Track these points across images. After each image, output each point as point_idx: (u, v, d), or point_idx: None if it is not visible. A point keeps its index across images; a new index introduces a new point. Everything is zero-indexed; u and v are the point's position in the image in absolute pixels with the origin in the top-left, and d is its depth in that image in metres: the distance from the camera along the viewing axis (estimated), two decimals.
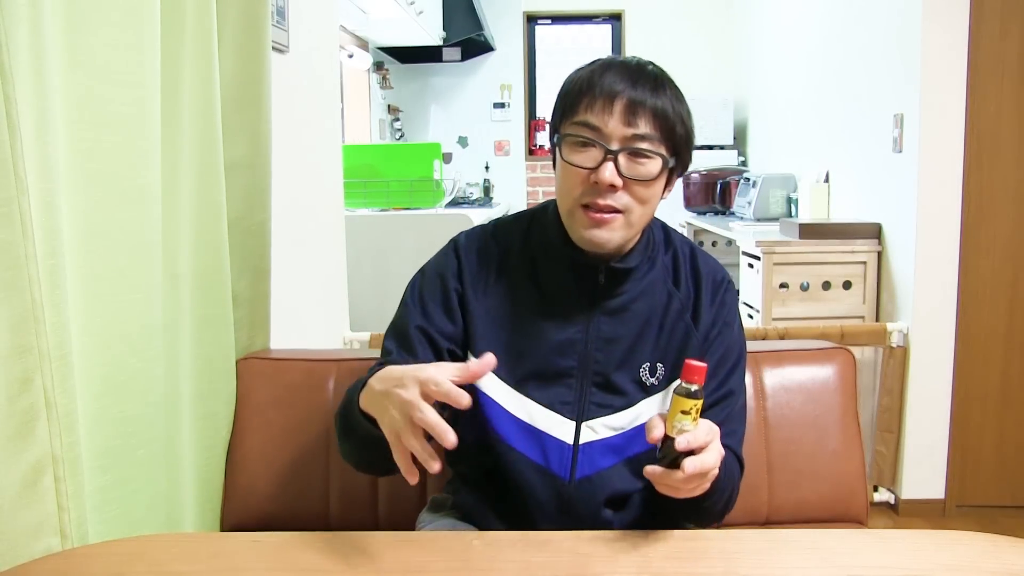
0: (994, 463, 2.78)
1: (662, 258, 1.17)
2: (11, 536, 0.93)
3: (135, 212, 1.15)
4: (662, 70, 1.08)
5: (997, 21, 2.62)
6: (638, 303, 1.13)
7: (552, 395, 1.11)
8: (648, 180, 1.04)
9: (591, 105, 1.04)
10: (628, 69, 1.05)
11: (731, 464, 1.09)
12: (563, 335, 1.11)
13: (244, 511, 1.45)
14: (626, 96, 1.02)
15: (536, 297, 1.13)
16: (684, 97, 1.09)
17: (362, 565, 0.92)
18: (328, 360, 1.51)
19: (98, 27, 1.08)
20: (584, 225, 1.06)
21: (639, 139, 1.03)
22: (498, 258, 1.16)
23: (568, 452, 1.11)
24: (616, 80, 1.03)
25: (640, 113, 1.02)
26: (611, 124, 1.03)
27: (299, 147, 2.03)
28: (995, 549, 0.93)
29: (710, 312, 1.14)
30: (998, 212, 2.69)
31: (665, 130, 1.04)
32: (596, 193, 1.04)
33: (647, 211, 1.08)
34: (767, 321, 3.00)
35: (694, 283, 1.16)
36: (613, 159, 1.02)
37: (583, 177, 1.04)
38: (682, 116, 1.06)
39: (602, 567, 0.90)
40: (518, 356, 1.12)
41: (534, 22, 5.83)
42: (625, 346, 1.12)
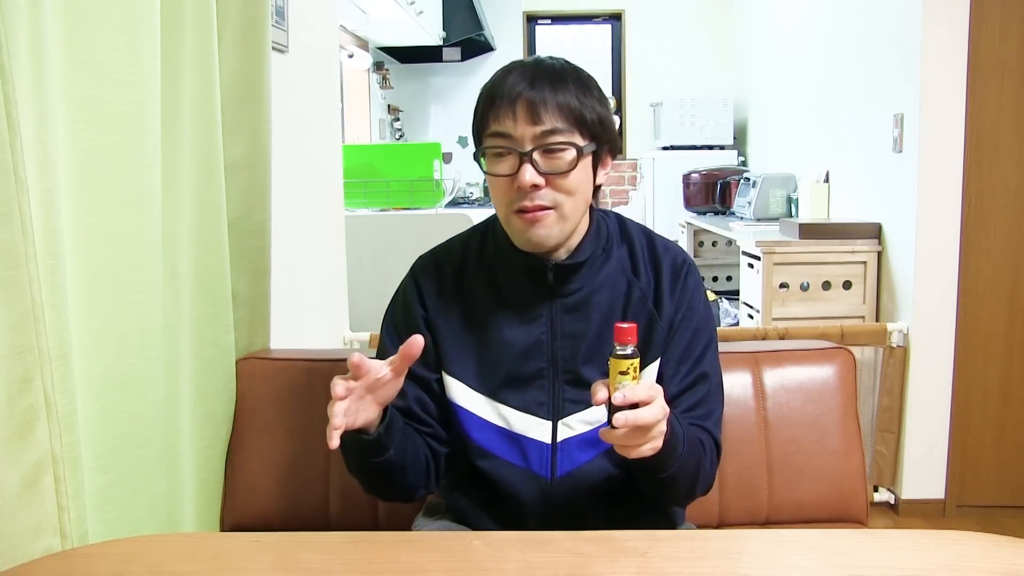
0: (994, 463, 2.78)
1: (617, 250, 1.17)
2: (11, 536, 0.93)
3: (135, 212, 1.15)
4: (564, 63, 1.10)
5: (997, 21, 2.62)
6: (597, 296, 1.14)
7: (527, 398, 1.13)
8: (567, 171, 1.06)
9: (497, 114, 1.07)
10: (526, 70, 1.08)
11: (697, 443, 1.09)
12: (529, 338, 1.13)
13: (244, 511, 1.45)
14: (525, 97, 1.05)
15: (497, 305, 1.15)
16: (592, 83, 1.10)
17: (362, 565, 0.92)
18: (328, 360, 1.51)
19: (98, 27, 1.08)
20: (520, 229, 1.08)
21: (547, 135, 1.05)
22: (455, 274, 1.18)
23: (547, 452, 1.13)
24: (515, 83, 1.06)
25: (543, 110, 1.04)
26: (519, 128, 1.05)
27: (299, 147, 2.03)
28: (995, 549, 0.92)
29: (672, 298, 1.15)
30: (998, 212, 2.69)
31: (573, 119, 1.06)
32: (523, 196, 1.06)
33: (578, 201, 1.09)
34: (767, 321, 3.00)
35: (654, 271, 1.16)
36: (528, 160, 1.05)
37: (507, 185, 1.07)
38: (591, 104, 1.08)
39: (602, 567, 0.90)
40: (489, 366, 1.14)
41: (534, 22, 5.83)
42: (591, 340, 1.13)
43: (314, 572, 0.91)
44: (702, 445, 1.11)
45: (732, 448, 1.42)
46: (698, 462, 1.09)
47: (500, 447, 1.14)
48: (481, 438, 1.14)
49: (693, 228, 4.61)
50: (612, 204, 5.71)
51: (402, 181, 3.30)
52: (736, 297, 3.63)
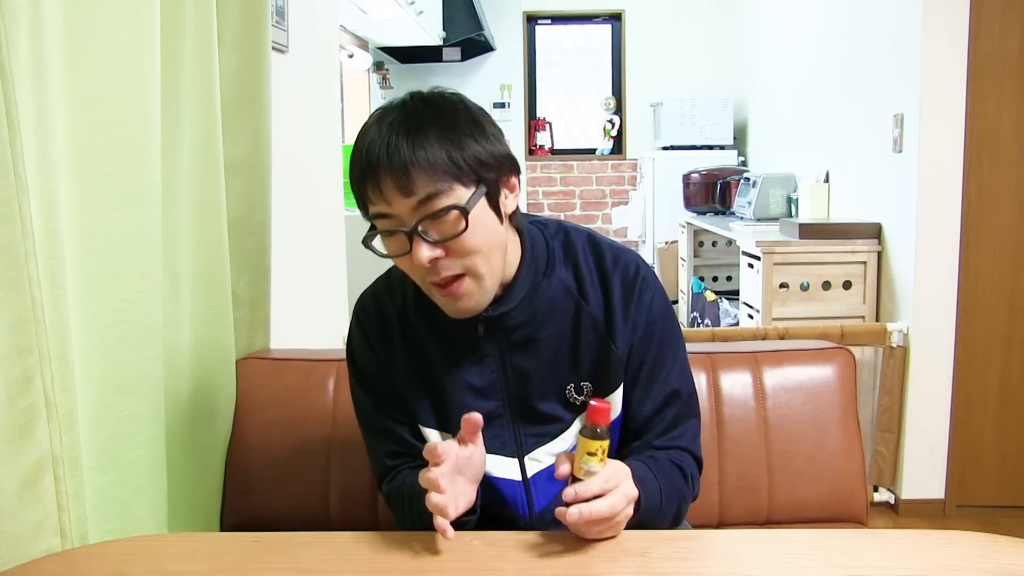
0: (994, 463, 2.78)
1: (560, 272, 1.09)
2: (11, 536, 0.94)
3: (135, 212, 1.15)
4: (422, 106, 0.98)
5: (997, 21, 2.62)
6: (544, 330, 1.07)
7: (490, 439, 1.07)
8: (459, 234, 0.95)
9: (370, 194, 0.96)
10: (381, 131, 0.96)
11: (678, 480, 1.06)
12: (480, 379, 1.08)
13: (244, 511, 1.45)
14: (386, 167, 0.94)
15: (444, 349, 1.09)
16: (459, 116, 0.98)
17: (362, 565, 0.92)
18: (328, 360, 1.51)
19: (98, 27, 1.08)
20: (444, 303, 1.02)
21: (424, 204, 0.94)
22: (397, 315, 1.11)
23: (520, 489, 1.10)
24: (372, 151, 0.95)
25: (406, 178, 0.93)
26: (394, 204, 0.95)
27: (299, 147, 2.03)
28: (995, 549, 0.92)
29: (626, 319, 1.07)
30: (998, 212, 2.69)
31: (449, 174, 0.94)
32: (429, 271, 0.98)
33: (489, 254, 0.99)
34: (767, 321, 3.00)
35: (603, 289, 1.08)
36: (417, 235, 0.95)
37: (409, 263, 0.98)
38: (461, 144, 0.96)
39: (602, 567, 0.90)
40: (445, 408, 1.09)
41: (534, 22, 5.83)
42: (543, 375, 1.08)
43: (314, 572, 0.91)
44: (682, 475, 1.08)
45: (732, 448, 1.42)
46: (680, 502, 1.07)
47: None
48: None
49: (693, 228, 4.61)
50: (612, 204, 5.71)
51: None
52: (736, 297, 3.63)
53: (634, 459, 1.05)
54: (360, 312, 1.15)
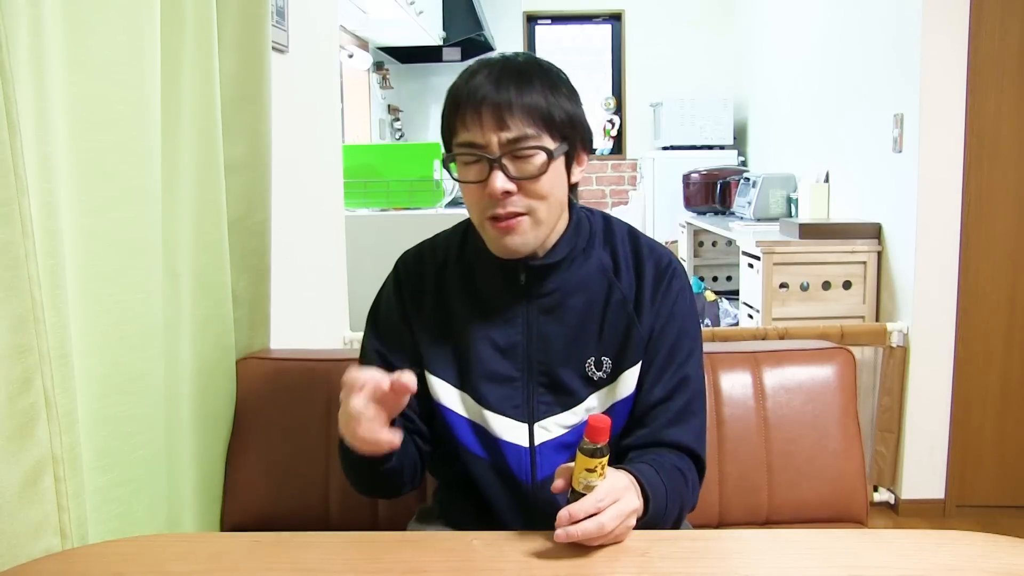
0: (994, 463, 2.78)
1: (599, 251, 1.15)
2: (11, 536, 0.93)
3: (135, 212, 1.15)
4: (530, 60, 1.08)
5: (997, 21, 2.62)
6: (573, 298, 1.12)
7: (502, 400, 1.11)
8: (537, 176, 1.04)
9: (464, 120, 1.05)
10: (491, 71, 1.05)
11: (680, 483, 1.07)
12: (504, 338, 1.12)
13: (244, 511, 1.45)
14: (491, 101, 1.02)
15: (474, 306, 1.14)
16: (561, 80, 1.08)
17: (362, 565, 0.92)
18: (328, 360, 1.51)
19: (98, 27, 1.08)
20: (494, 237, 1.07)
21: (515, 141, 1.02)
22: (435, 271, 1.17)
23: (526, 456, 1.11)
24: (480, 87, 1.04)
25: (508, 115, 1.02)
26: (486, 134, 1.03)
27: (299, 147, 2.03)
28: (995, 549, 0.93)
29: (653, 302, 1.12)
30: (998, 212, 2.69)
31: (541, 122, 1.03)
32: (494, 204, 1.04)
33: (552, 204, 1.07)
34: (767, 321, 3.00)
35: (636, 274, 1.14)
36: (498, 167, 1.02)
37: (478, 191, 1.05)
38: (559, 103, 1.05)
39: (602, 567, 0.90)
40: (467, 366, 1.13)
41: (534, 22, 5.83)
42: (565, 343, 1.11)
43: (314, 572, 0.91)
44: (684, 481, 1.08)
45: (732, 448, 1.42)
46: (680, 508, 1.07)
47: (479, 447, 1.13)
48: (465, 438, 1.13)
49: (693, 228, 4.61)
50: (612, 204, 5.71)
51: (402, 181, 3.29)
52: (736, 297, 3.63)
53: (641, 461, 1.05)
54: (400, 265, 1.20)
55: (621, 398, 1.12)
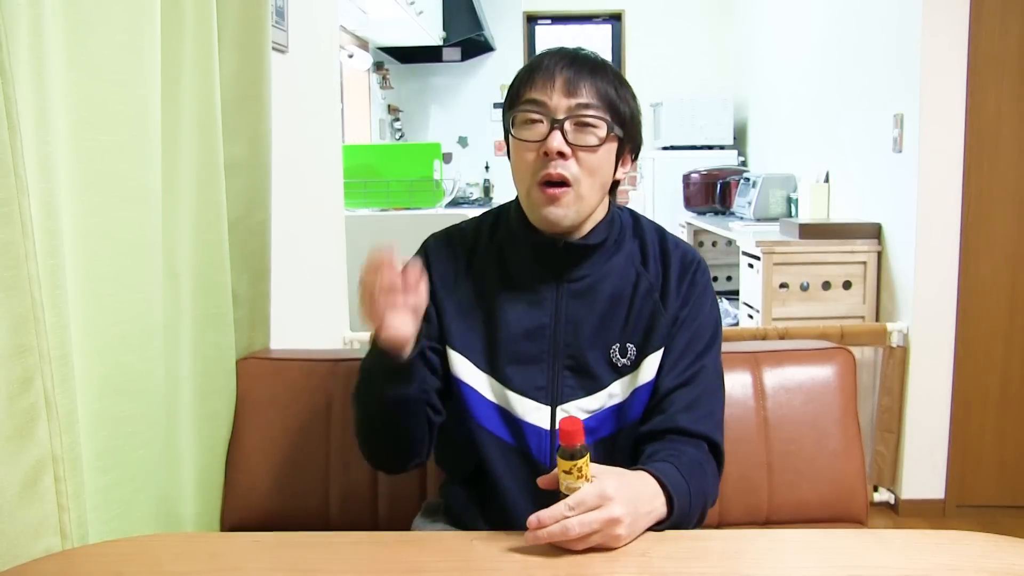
0: (994, 463, 2.78)
1: (629, 242, 1.19)
2: (11, 536, 0.93)
3: (135, 212, 1.15)
4: (602, 58, 1.14)
5: (997, 21, 2.62)
6: (604, 284, 1.15)
7: (526, 381, 1.13)
8: (595, 145, 1.08)
9: (533, 84, 1.09)
10: (567, 53, 1.12)
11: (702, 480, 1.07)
12: (532, 320, 1.14)
13: (244, 511, 1.45)
14: (565, 72, 1.08)
15: (504, 285, 1.16)
16: (626, 83, 1.14)
17: (362, 565, 0.92)
18: (328, 360, 1.51)
19: (98, 27, 1.08)
20: (539, 203, 1.09)
21: (582, 107, 1.07)
22: (466, 252, 1.19)
23: (546, 438, 1.12)
24: (555, 60, 1.10)
25: (580, 86, 1.08)
26: (554, 97, 1.07)
27: (299, 147, 2.03)
28: (995, 549, 0.93)
29: (679, 292, 1.16)
30: (998, 212, 2.69)
31: (607, 102, 1.09)
32: (546, 164, 1.07)
33: (596, 183, 1.10)
34: (767, 321, 3.00)
35: (662, 264, 1.17)
36: (559, 128, 1.07)
37: (535, 153, 1.09)
38: (625, 96, 1.11)
39: (602, 567, 0.90)
40: (492, 345, 1.14)
41: (534, 22, 5.83)
42: (593, 327, 1.13)
43: (314, 572, 0.91)
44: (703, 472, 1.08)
45: (732, 448, 1.41)
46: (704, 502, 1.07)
47: (500, 428, 1.13)
48: (483, 416, 1.14)
49: (693, 228, 4.61)
50: None
51: (402, 181, 3.30)
52: (736, 297, 3.63)
53: (660, 459, 1.06)
54: (431, 241, 1.22)
55: (641, 384, 1.13)
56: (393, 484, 1.43)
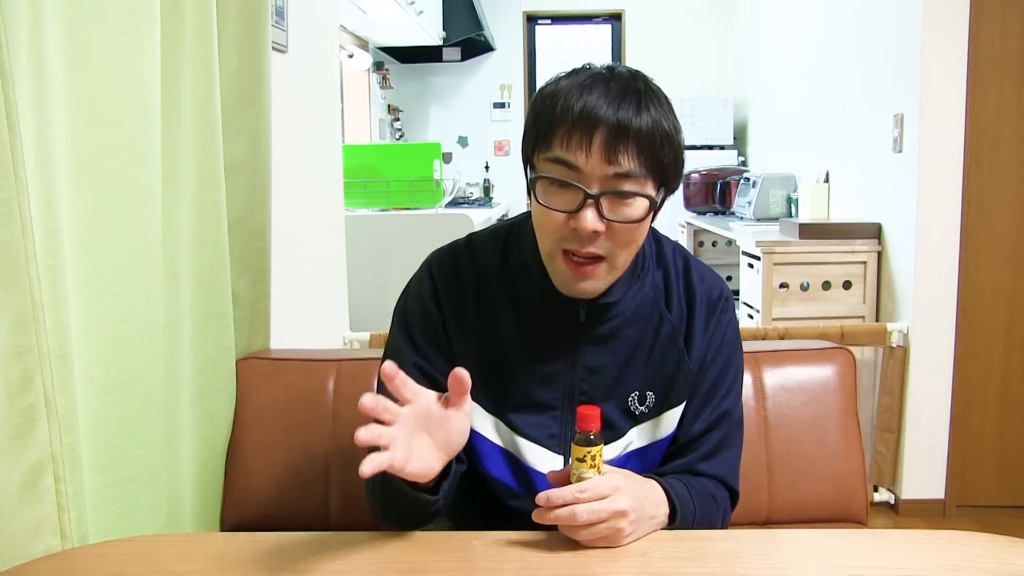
0: (994, 463, 2.78)
1: (652, 275, 1.08)
2: (11, 536, 0.93)
3: (135, 212, 1.15)
4: (647, 80, 0.98)
5: (997, 21, 2.62)
6: (626, 330, 1.05)
7: (538, 429, 1.06)
8: (636, 221, 0.95)
9: (567, 138, 0.92)
10: (608, 89, 0.92)
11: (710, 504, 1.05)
12: (547, 367, 1.05)
13: (244, 511, 1.45)
14: (606, 125, 0.90)
15: (517, 326, 1.05)
16: (671, 105, 0.97)
17: (362, 565, 0.92)
18: (328, 360, 1.51)
19: (98, 27, 1.08)
20: (566, 276, 0.98)
21: (622, 178, 0.92)
22: (475, 282, 1.07)
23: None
24: (596, 105, 0.91)
25: (622, 146, 0.91)
26: (591, 162, 0.91)
27: (299, 147, 2.03)
28: (995, 549, 0.92)
29: (704, 336, 1.07)
30: (998, 212, 2.69)
31: (651, 161, 0.93)
32: (577, 240, 0.94)
33: (632, 252, 0.99)
34: (767, 321, 3.00)
35: (687, 304, 1.08)
36: (595, 203, 0.92)
37: (562, 221, 0.94)
38: (670, 135, 0.94)
39: (602, 567, 0.90)
40: (502, 387, 1.06)
41: (534, 22, 5.83)
42: (612, 376, 1.06)
43: (314, 572, 0.91)
44: (715, 503, 1.06)
45: None
46: (709, 522, 1.05)
47: (509, 476, 1.08)
48: (492, 466, 1.07)
49: (693, 228, 4.61)
50: None
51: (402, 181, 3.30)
52: (736, 297, 3.63)
53: (675, 476, 1.05)
54: (435, 265, 1.08)
55: (662, 436, 1.09)
56: None
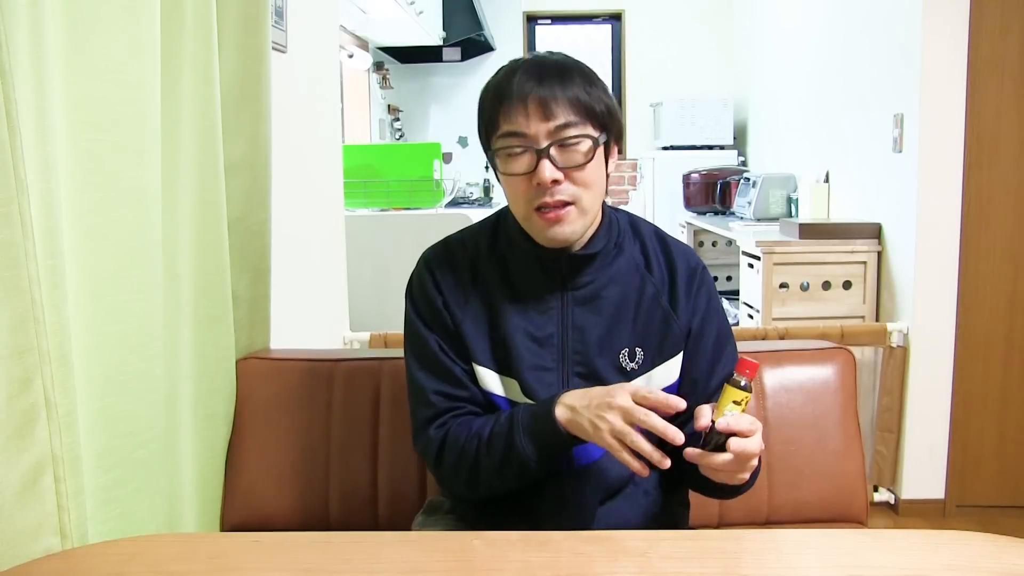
0: (994, 463, 2.78)
1: (630, 246, 1.19)
2: (11, 536, 0.94)
3: (135, 212, 1.15)
4: (567, 58, 1.11)
5: (997, 21, 2.62)
6: (609, 290, 1.15)
7: (543, 389, 1.13)
8: (584, 163, 1.07)
9: (508, 113, 1.07)
10: (532, 68, 1.08)
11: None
12: (541, 330, 1.14)
13: (244, 511, 1.45)
14: (536, 94, 1.05)
15: (510, 297, 1.15)
16: (595, 75, 1.11)
17: (362, 565, 0.92)
18: (328, 360, 1.51)
19: (98, 27, 1.08)
20: (542, 227, 1.09)
21: (562, 128, 1.05)
22: (469, 265, 1.18)
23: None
24: (523, 81, 1.06)
25: (553, 103, 1.05)
26: (533, 124, 1.05)
27: (299, 147, 2.03)
28: (995, 549, 0.92)
29: (689, 301, 1.17)
30: (998, 212, 2.69)
31: (585, 112, 1.07)
32: (542, 193, 1.07)
33: (595, 193, 1.10)
34: (767, 321, 3.00)
35: (668, 269, 1.18)
36: (546, 156, 1.05)
37: (525, 183, 1.07)
38: (598, 95, 1.09)
39: (602, 567, 0.90)
40: (507, 355, 1.14)
41: (534, 22, 5.83)
42: (600, 333, 1.14)
43: (314, 572, 0.91)
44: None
45: None
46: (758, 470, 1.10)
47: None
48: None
49: (693, 228, 4.61)
50: (612, 204, 5.70)
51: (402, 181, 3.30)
52: (736, 297, 3.63)
53: None
54: (431, 258, 1.20)
55: (662, 387, 1.14)
56: (393, 484, 1.43)
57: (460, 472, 1.11)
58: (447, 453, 1.12)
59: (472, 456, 1.09)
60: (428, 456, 1.15)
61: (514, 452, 1.06)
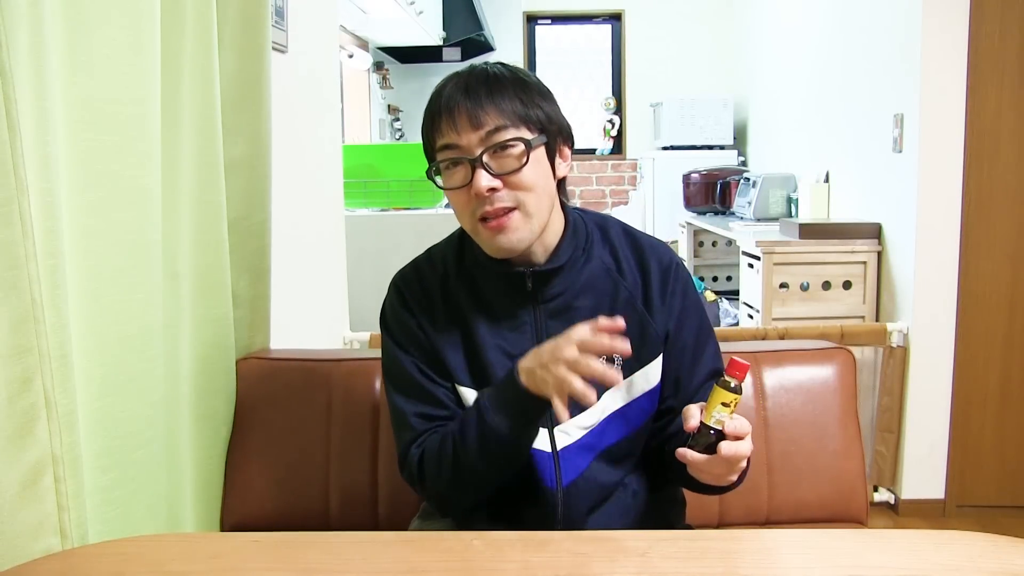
0: (994, 463, 2.78)
1: (599, 251, 1.15)
2: (11, 536, 0.93)
3: (135, 212, 1.15)
4: (501, 68, 1.09)
5: (997, 21, 2.62)
6: (580, 299, 1.12)
7: None
8: (519, 167, 1.04)
9: (439, 127, 1.06)
10: (461, 81, 1.07)
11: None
12: (515, 346, 1.11)
13: (244, 511, 1.45)
14: (464, 104, 1.04)
15: (483, 314, 1.13)
16: (532, 82, 1.09)
17: (362, 565, 0.92)
18: (328, 360, 1.51)
19: (98, 27, 1.08)
20: (488, 238, 1.07)
21: (492, 134, 1.04)
22: (438, 285, 1.16)
23: (550, 461, 1.11)
24: (451, 94, 1.06)
25: (480, 110, 1.03)
26: (464, 134, 1.04)
27: (299, 147, 2.03)
28: (995, 549, 0.92)
29: (664, 301, 1.14)
30: (998, 212, 2.69)
31: (515, 116, 1.05)
32: (483, 203, 1.04)
33: (540, 196, 1.07)
34: (767, 321, 3.00)
35: (640, 270, 1.15)
36: (480, 165, 1.03)
37: (465, 195, 1.05)
38: (532, 100, 1.07)
39: (602, 567, 0.90)
40: (482, 374, 1.12)
41: (534, 22, 5.83)
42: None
43: (314, 572, 0.91)
44: None
45: None
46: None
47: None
48: None
49: (693, 228, 4.61)
50: (612, 204, 5.71)
51: (402, 181, 3.29)
52: (736, 297, 3.63)
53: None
54: (400, 282, 1.18)
55: (643, 392, 1.13)
56: (393, 484, 1.43)
57: (443, 476, 1.09)
58: (427, 464, 1.10)
59: (450, 455, 1.07)
60: (412, 475, 1.12)
61: (488, 430, 1.04)
